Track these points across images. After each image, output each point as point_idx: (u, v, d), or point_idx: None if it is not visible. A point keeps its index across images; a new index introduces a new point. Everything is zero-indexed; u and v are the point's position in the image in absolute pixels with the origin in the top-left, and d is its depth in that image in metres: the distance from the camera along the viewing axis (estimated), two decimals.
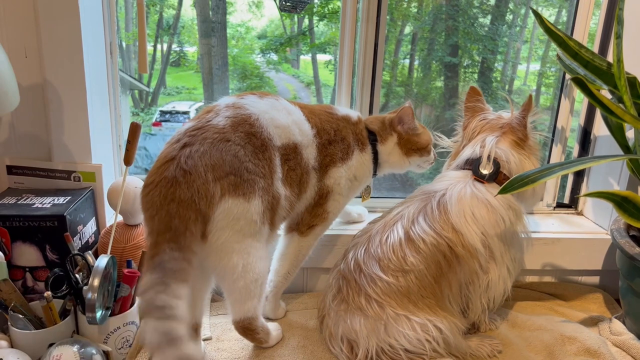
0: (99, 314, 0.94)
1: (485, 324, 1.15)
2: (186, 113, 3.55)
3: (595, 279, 1.40)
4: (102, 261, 0.97)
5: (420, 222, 1.03)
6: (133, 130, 1.07)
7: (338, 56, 1.36)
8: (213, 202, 0.86)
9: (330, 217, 1.13)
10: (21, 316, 0.98)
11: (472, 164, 1.09)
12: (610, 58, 1.04)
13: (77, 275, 1.02)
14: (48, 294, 0.98)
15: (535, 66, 2.90)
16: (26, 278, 1.10)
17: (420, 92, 2.78)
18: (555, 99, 1.49)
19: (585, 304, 1.30)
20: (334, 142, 1.08)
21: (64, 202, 1.12)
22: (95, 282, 0.93)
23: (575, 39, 1.13)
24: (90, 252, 1.07)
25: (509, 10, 2.83)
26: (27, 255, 1.08)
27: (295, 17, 3.08)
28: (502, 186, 0.95)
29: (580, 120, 1.46)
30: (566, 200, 1.54)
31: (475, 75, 2.88)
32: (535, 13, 1.13)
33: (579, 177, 1.50)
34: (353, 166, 1.12)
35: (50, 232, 1.07)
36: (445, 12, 2.60)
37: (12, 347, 0.96)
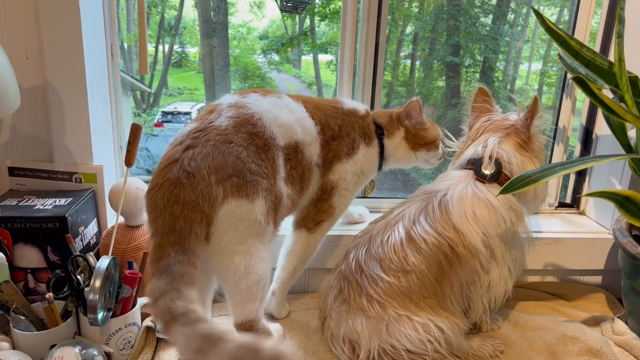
0: (100, 315, 0.94)
1: (487, 324, 1.14)
2: (188, 114, 3.55)
3: (597, 279, 1.40)
4: (104, 262, 0.96)
5: (421, 222, 1.03)
6: (134, 132, 1.07)
7: (339, 56, 1.36)
8: (216, 204, 0.86)
9: (336, 213, 1.12)
10: (23, 318, 0.99)
11: (474, 163, 1.09)
12: (612, 57, 1.04)
13: (78, 277, 1.02)
14: (50, 295, 0.98)
15: (537, 65, 2.89)
16: (28, 279, 1.10)
17: (422, 92, 2.78)
18: (557, 98, 1.49)
19: (588, 304, 1.30)
20: (339, 138, 1.08)
21: (65, 203, 1.12)
22: (97, 283, 0.93)
23: (576, 38, 1.13)
24: (91, 253, 1.07)
25: (510, 9, 2.83)
26: (29, 256, 1.08)
27: (296, 18, 3.08)
28: (504, 186, 0.94)
29: (582, 119, 1.46)
30: (568, 200, 1.53)
31: (477, 75, 2.87)
32: (536, 12, 1.13)
33: (580, 177, 1.50)
34: (359, 161, 1.11)
35: (52, 234, 1.07)
36: (446, 12, 2.59)
37: (13, 348, 0.96)
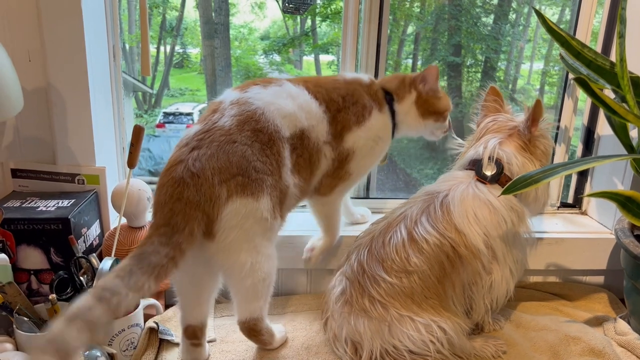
0: None
1: (489, 324, 1.14)
2: (190, 114, 3.56)
3: (599, 279, 1.40)
4: (107, 263, 0.97)
5: (423, 223, 1.03)
6: (136, 133, 1.08)
7: (341, 57, 1.36)
8: (219, 203, 0.86)
9: (352, 178, 1.11)
10: (26, 319, 0.99)
11: (475, 164, 1.09)
12: (613, 57, 1.04)
13: (81, 278, 1.02)
14: (53, 296, 0.98)
15: (538, 65, 2.88)
16: (31, 281, 1.10)
17: None
18: (559, 98, 1.48)
19: (590, 304, 1.30)
20: (344, 109, 1.06)
21: (68, 205, 1.12)
22: None
23: (577, 39, 1.12)
24: (94, 254, 1.07)
25: (512, 9, 2.82)
26: (32, 258, 1.09)
27: (297, 18, 3.08)
28: (506, 187, 0.94)
29: (583, 119, 1.45)
30: (570, 200, 1.53)
31: (479, 75, 2.87)
32: (538, 12, 1.13)
33: (582, 177, 1.49)
34: (374, 127, 1.09)
35: (55, 235, 1.07)
36: (447, 12, 2.60)
37: (17, 349, 0.97)
